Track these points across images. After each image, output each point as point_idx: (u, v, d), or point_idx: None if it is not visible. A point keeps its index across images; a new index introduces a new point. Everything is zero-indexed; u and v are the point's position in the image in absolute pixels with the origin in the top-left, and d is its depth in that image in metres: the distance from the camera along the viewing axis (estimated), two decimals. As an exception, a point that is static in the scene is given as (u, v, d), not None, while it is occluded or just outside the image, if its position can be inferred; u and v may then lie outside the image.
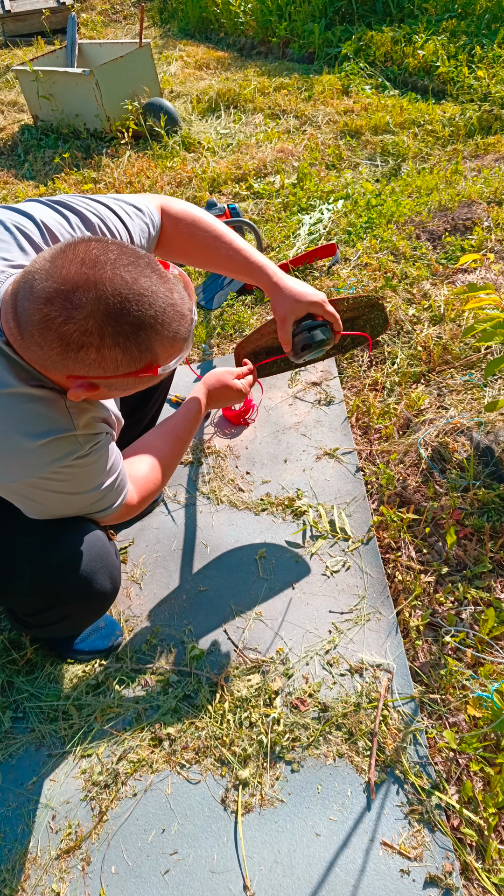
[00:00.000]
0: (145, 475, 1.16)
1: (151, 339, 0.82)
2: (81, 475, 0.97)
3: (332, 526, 1.53)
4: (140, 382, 0.89)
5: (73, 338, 0.78)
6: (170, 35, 6.19)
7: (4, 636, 1.40)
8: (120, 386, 0.87)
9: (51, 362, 0.82)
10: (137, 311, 0.79)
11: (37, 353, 0.81)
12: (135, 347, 0.81)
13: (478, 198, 2.59)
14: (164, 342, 0.84)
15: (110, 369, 0.82)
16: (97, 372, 0.82)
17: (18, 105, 4.79)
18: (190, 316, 0.88)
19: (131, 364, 0.83)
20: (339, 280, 2.29)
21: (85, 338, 0.78)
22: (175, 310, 0.84)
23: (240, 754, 1.16)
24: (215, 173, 3.22)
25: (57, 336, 0.78)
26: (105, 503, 1.05)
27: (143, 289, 0.80)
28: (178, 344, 0.87)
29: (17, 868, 1.08)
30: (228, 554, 1.51)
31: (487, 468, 1.52)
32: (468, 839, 1.02)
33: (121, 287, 0.78)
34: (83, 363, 0.81)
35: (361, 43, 4.28)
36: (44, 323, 0.78)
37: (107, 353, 0.80)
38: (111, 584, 1.13)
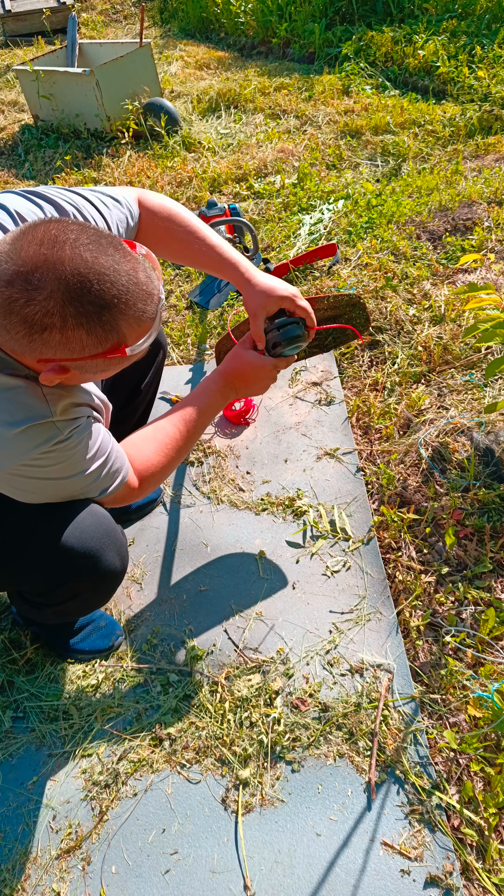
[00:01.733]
0: (149, 459, 1.14)
1: (116, 318, 0.81)
2: (64, 459, 0.95)
3: (333, 526, 1.53)
4: (110, 364, 0.88)
5: (36, 319, 0.77)
6: (170, 35, 6.19)
7: (4, 636, 1.40)
8: (90, 368, 0.86)
9: (19, 346, 0.81)
10: (99, 290, 0.78)
11: (4, 336, 0.81)
12: (99, 328, 0.80)
13: (478, 198, 2.59)
14: (131, 322, 0.83)
15: (77, 351, 0.81)
16: (64, 354, 0.82)
17: (19, 105, 4.79)
18: (157, 295, 0.87)
19: (97, 345, 0.82)
20: (339, 280, 2.29)
21: (47, 319, 0.77)
22: (140, 289, 0.83)
23: (240, 754, 1.16)
24: (216, 173, 3.22)
25: (20, 319, 0.77)
26: (98, 486, 1.04)
27: (104, 267, 0.79)
28: (145, 324, 0.86)
29: (17, 868, 1.08)
30: (229, 554, 1.51)
31: (488, 468, 1.52)
32: (468, 839, 1.02)
33: (80, 266, 0.77)
34: (49, 345, 0.80)
35: (362, 43, 4.28)
36: (6, 306, 0.77)
37: (71, 335, 0.79)
38: (120, 562, 1.14)
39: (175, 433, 1.17)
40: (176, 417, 1.18)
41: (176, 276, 2.67)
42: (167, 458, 1.16)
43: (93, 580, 1.11)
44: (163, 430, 1.17)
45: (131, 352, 0.86)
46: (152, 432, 1.16)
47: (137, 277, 0.83)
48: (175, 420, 1.18)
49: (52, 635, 1.35)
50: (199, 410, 1.19)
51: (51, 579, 1.10)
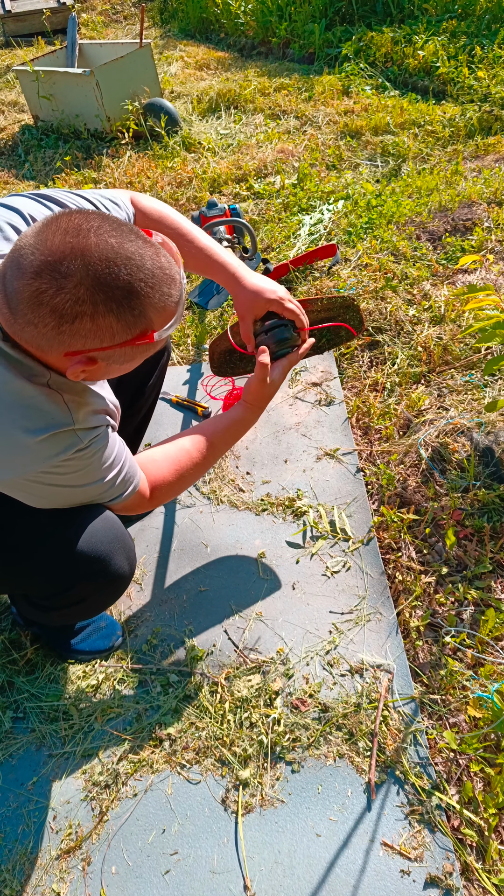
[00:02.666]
0: (162, 473, 1.15)
1: (144, 303, 0.81)
2: (82, 468, 0.97)
3: (333, 526, 1.53)
4: (138, 352, 0.88)
5: (66, 308, 0.77)
6: (170, 35, 6.19)
7: (5, 636, 1.40)
8: (118, 358, 0.86)
9: (46, 341, 0.81)
10: (127, 276, 0.79)
11: (31, 333, 0.80)
12: (128, 313, 0.80)
13: (478, 198, 2.59)
14: (157, 306, 0.83)
15: (106, 339, 0.81)
16: (94, 343, 0.82)
17: (19, 105, 4.79)
18: (179, 280, 0.87)
19: (126, 331, 0.82)
20: (339, 280, 2.29)
21: (78, 307, 0.77)
22: (164, 273, 0.84)
23: (240, 754, 1.16)
24: (216, 173, 3.22)
25: (49, 310, 0.77)
26: (111, 494, 1.06)
27: (129, 253, 0.79)
28: (170, 308, 0.86)
29: (17, 868, 1.08)
30: (228, 554, 1.51)
31: (488, 468, 1.52)
32: (468, 840, 1.02)
33: (107, 252, 0.78)
34: (79, 335, 0.80)
35: (362, 43, 4.28)
36: (35, 298, 0.77)
37: (101, 322, 0.79)
38: (128, 566, 1.14)
39: (194, 453, 1.18)
40: (197, 438, 1.20)
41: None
42: (180, 476, 1.17)
43: (100, 584, 1.12)
44: (182, 448, 1.18)
45: (159, 337, 0.86)
46: (172, 449, 1.18)
47: (160, 262, 0.84)
48: (196, 441, 1.19)
49: (52, 636, 1.35)
50: (220, 435, 1.22)
51: (58, 583, 1.10)
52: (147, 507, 1.16)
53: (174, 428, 1.88)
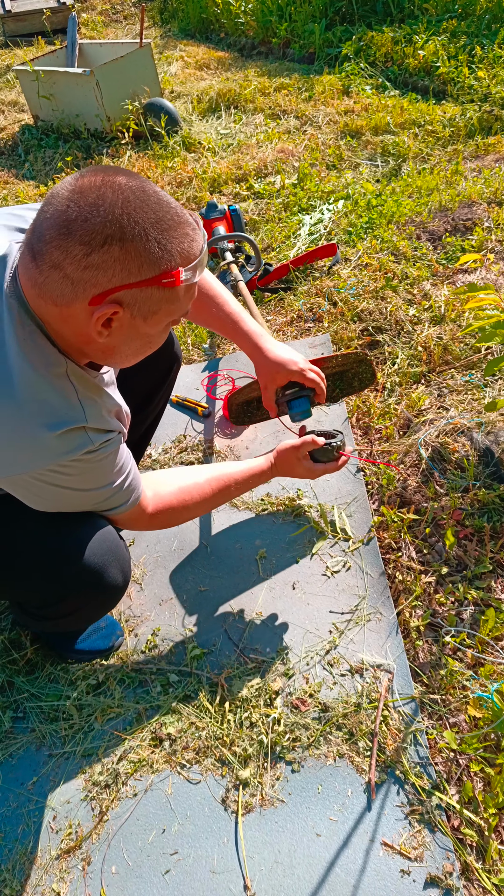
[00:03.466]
0: (172, 496, 1.16)
1: (170, 238, 0.81)
2: (90, 470, 0.96)
3: (333, 526, 1.53)
4: (163, 298, 0.85)
5: (97, 231, 0.76)
6: (170, 35, 6.19)
7: (4, 636, 1.40)
8: (143, 306, 0.84)
9: (70, 285, 0.79)
10: (156, 208, 0.80)
11: (55, 279, 0.79)
12: (155, 244, 0.80)
13: (478, 198, 2.59)
14: (182, 245, 0.83)
15: (133, 271, 0.80)
16: (120, 276, 0.79)
17: (19, 105, 4.79)
18: (202, 232, 0.88)
19: (153, 265, 0.81)
20: (339, 280, 2.29)
21: (108, 229, 0.77)
22: (188, 218, 0.85)
23: (240, 754, 1.16)
24: (216, 173, 3.22)
25: (79, 237, 0.76)
26: (112, 503, 1.05)
27: (158, 194, 0.82)
28: (194, 252, 0.85)
29: (17, 868, 1.08)
30: (228, 554, 1.51)
31: (488, 468, 1.52)
32: (468, 839, 1.02)
33: (137, 189, 0.80)
34: (106, 266, 0.78)
35: (362, 43, 4.28)
36: (65, 227, 0.76)
37: (130, 247, 0.78)
38: (122, 578, 1.14)
39: (205, 488, 1.19)
40: (213, 476, 1.21)
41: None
42: (185, 506, 1.17)
43: (93, 596, 1.11)
44: (195, 480, 1.19)
45: (185, 279, 0.84)
46: (185, 477, 1.19)
47: (184, 211, 0.86)
48: (211, 478, 1.21)
49: (52, 636, 1.35)
50: (237, 482, 1.24)
51: (52, 593, 1.10)
52: (146, 524, 1.15)
53: (173, 427, 1.88)
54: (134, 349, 0.92)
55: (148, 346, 0.94)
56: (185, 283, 0.85)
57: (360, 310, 2.10)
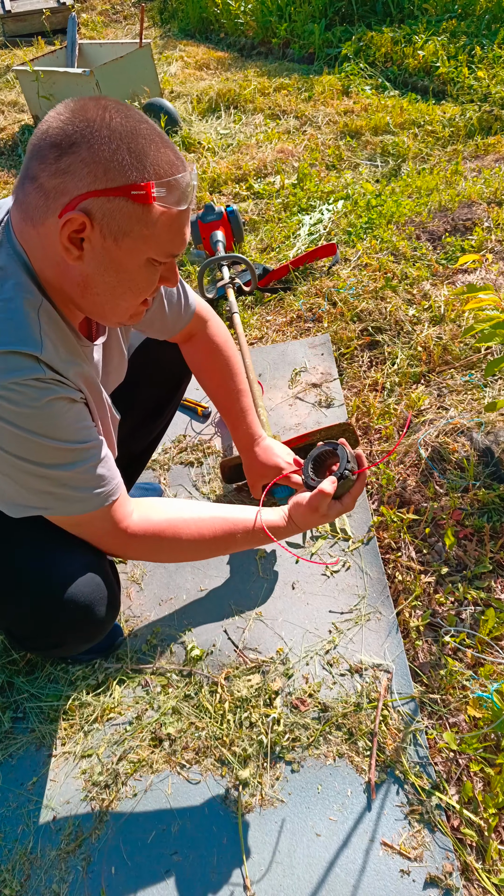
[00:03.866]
0: (162, 523, 1.01)
1: (146, 149, 0.77)
2: (39, 406, 0.82)
3: (333, 526, 1.53)
4: (134, 216, 0.78)
5: (69, 132, 0.75)
6: (170, 35, 6.19)
7: (4, 636, 1.40)
8: (112, 217, 0.77)
9: (43, 197, 0.77)
10: (137, 123, 0.78)
11: (32, 194, 0.78)
12: (126, 151, 0.76)
13: (478, 198, 2.59)
14: (160, 161, 0.78)
15: (100, 175, 0.75)
16: (87, 181, 0.75)
17: (19, 105, 4.79)
18: (190, 169, 0.83)
19: (120, 172, 0.76)
20: (339, 280, 2.29)
21: (81, 131, 0.75)
22: (172, 146, 0.81)
23: (240, 754, 1.16)
24: (215, 173, 3.22)
25: (52, 139, 0.76)
26: (79, 480, 0.89)
27: (142, 114, 0.80)
28: (173, 172, 0.79)
29: (17, 868, 1.08)
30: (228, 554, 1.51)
31: (487, 468, 1.52)
32: (468, 839, 1.03)
33: (122, 105, 0.78)
34: (74, 170, 0.75)
35: (361, 43, 4.28)
36: (44, 135, 0.76)
37: (97, 150, 0.75)
38: (111, 614, 1.07)
39: (204, 528, 1.02)
40: (218, 517, 1.04)
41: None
42: (174, 537, 1.01)
43: (80, 631, 1.05)
44: (195, 514, 1.03)
45: (157, 195, 0.78)
46: (184, 508, 1.04)
47: (170, 142, 0.82)
48: (216, 518, 1.04)
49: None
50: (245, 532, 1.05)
51: (38, 626, 1.04)
52: (123, 546, 0.99)
53: (173, 427, 1.88)
54: (110, 284, 0.84)
55: (126, 285, 0.85)
56: (160, 203, 0.78)
57: (360, 310, 2.10)
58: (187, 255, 2.75)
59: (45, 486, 0.88)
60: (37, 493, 0.89)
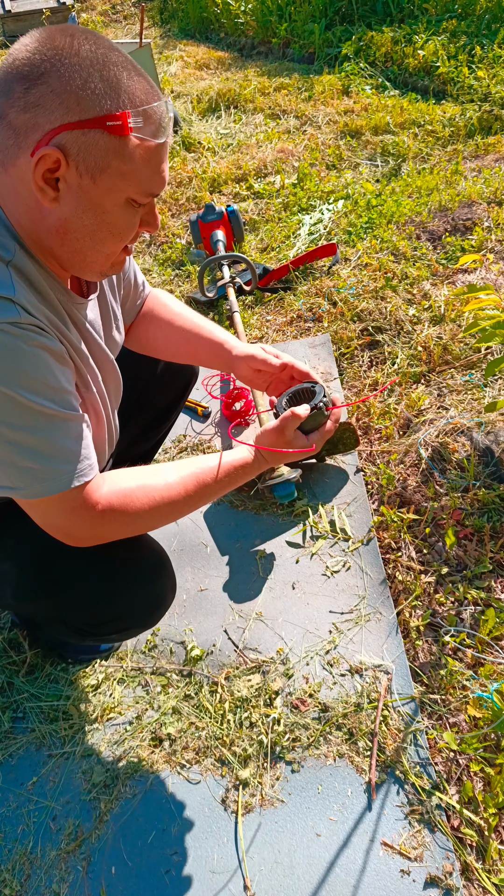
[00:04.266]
0: (133, 495, 0.90)
1: (119, 76, 0.73)
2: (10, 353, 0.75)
3: (333, 526, 1.53)
4: (111, 150, 0.74)
5: (36, 64, 0.70)
6: (170, 35, 6.19)
7: (4, 636, 1.40)
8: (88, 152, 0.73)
9: (13, 135, 0.72)
10: (108, 51, 0.73)
11: (1, 134, 0.73)
12: (98, 79, 0.71)
13: (478, 198, 2.59)
14: (134, 91, 0.74)
15: (73, 106, 0.71)
16: (59, 114, 0.71)
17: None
18: (165, 101, 0.79)
19: (94, 103, 0.71)
20: (339, 280, 2.29)
21: (49, 61, 0.70)
22: (146, 75, 0.77)
23: (240, 754, 1.16)
24: (215, 173, 3.22)
25: (19, 71, 0.71)
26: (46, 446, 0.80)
27: (117, 48, 0.75)
28: (148, 100, 0.75)
29: (17, 868, 1.08)
30: (228, 554, 1.51)
31: (487, 468, 1.52)
32: (468, 839, 1.02)
33: (91, 34, 0.74)
34: (45, 103, 0.71)
35: (361, 43, 4.28)
36: (10, 68, 0.71)
37: (68, 81, 0.70)
38: (173, 597, 1.14)
39: (178, 487, 0.94)
40: (186, 472, 0.96)
41: (175, 276, 2.67)
42: (150, 506, 0.91)
43: (149, 617, 1.12)
44: (164, 476, 0.94)
45: (133, 125, 0.73)
46: (152, 472, 0.95)
47: (144, 72, 0.78)
48: (184, 474, 0.96)
49: (52, 636, 1.35)
50: (215, 479, 0.98)
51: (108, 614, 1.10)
52: (91, 526, 0.89)
53: (173, 427, 1.88)
54: (90, 227, 0.79)
55: (107, 228, 0.80)
56: (136, 133, 0.74)
57: (360, 310, 2.10)
58: (187, 255, 2.75)
59: (9, 454, 0.79)
60: (1, 464, 0.80)
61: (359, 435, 1.66)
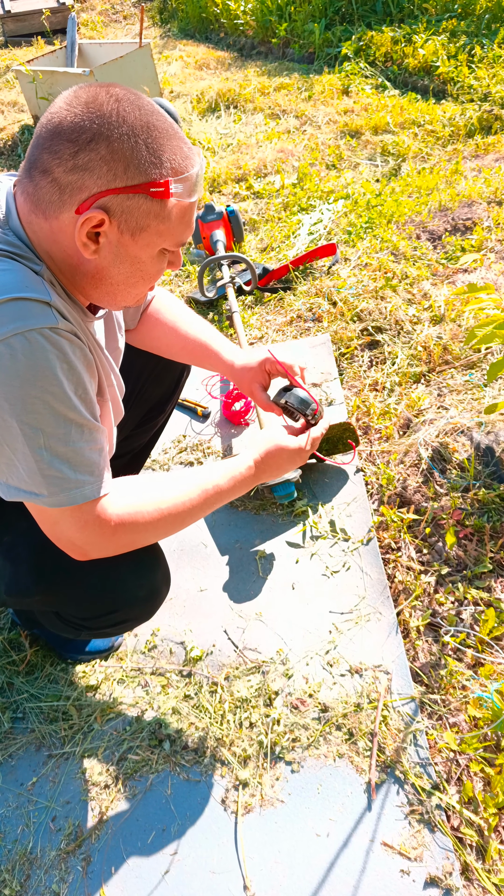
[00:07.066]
0: (137, 505, 0.91)
1: (161, 146, 0.78)
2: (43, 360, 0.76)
3: (332, 526, 1.53)
4: (152, 212, 0.80)
5: (85, 127, 0.75)
6: (170, 35, 6.18)
7: (4, 636, 1.40)
8: (131, 214, 0.79)
9: (58, 191, 0.77)
10: (150, 115, 0.78)
11: (44, 185, 0.77)
12: (144, 148, 0.77)
13: (478, 198, 2.59)
14: (175, 157, 0.80)
15: (120, 173, 0.76)
16: (107, 179, 0.76)
17: (18, 105, 4.79)
18: (200, 155, 0.85)
19: (140, 171, 0.77)
20: (339, 280, 2.29)
21: (97, 125, 0.75)
22: (183, 136, 0.83)
23: (240, 755, 1.16)
24: (215, 173, 3.22)
25: (67, 134, 0.75)
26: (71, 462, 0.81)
27: (154, 105, 0.80)
28: (187, 167, 0.81)
29: (17, 868, 1.08)
30: (228, 554, 1.51)
31: (488, 468, 1.52)
32: (468, 839, 1.02)
33: (132, 95, 0.79)
34: (93, 167, 0.76)
35: (361, 43, 4.27)
36: (56, 128, 0.76)
37: (117, 147, 0.75)
38: (167, 591, 1.15)
39: (184, 499, 0.96)
40: (192, 484, 0.98)
41: (175, 276, 2.67)
42: (159, 518, 0.93)
43: (144, 610, 1.13)
44: (171, 488, 0.96)
45: (175, 191, 0.80)
46: (159, 484, 0.97)
47: (180, 129, 0.83)
48: (190, 486, 0.97)
49: (52, 636, 1.35)
50: (218, 489, 1.00)
51: (103, 608, 1.11)
52: (105, 539, 0.89)
53: (173, 427, 1.88)
54: (124, 274, 0.85)
55: (139, 275, 0.87)
56: (175, 197, 0.80)
57: (360, 310, 2.10)
58: (187, 255, 2.75)
59: (38, 461, 0.80)
60: (27, 471, 0.81)
61: (359, 435, 1.66)
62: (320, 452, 1.67)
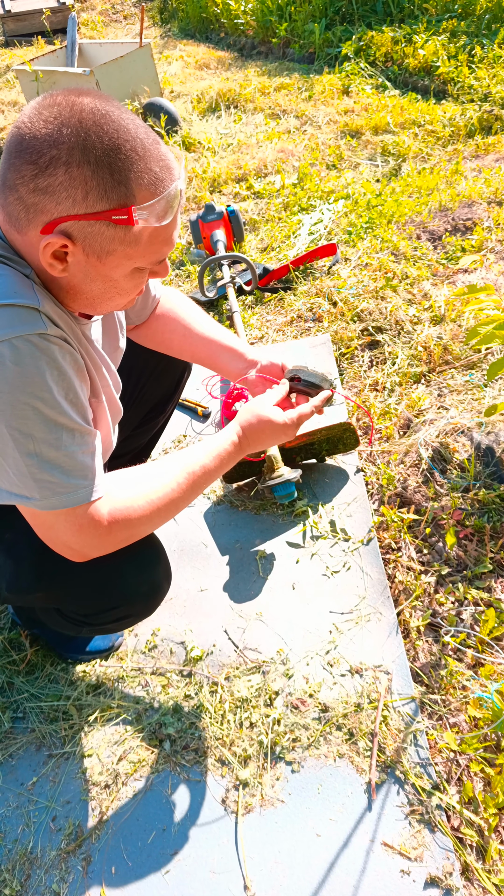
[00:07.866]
0: (129, 501, 0.91)
1: (127, 168, 0.73)
2: (33, 366, 0.76)
3: (333, 526, 1.53)
4: (117, 238, 0.77)
5: (43, 150, 0.71)
6: (170, 35, 6.18)
7: (4, 636, 1.40)
8: (94, 240, 0.76)
9: (24, 208, 0.74)
10: (116, 135, 0.73)
11: (13, 202, 0.75)
12: (107, 173, 0.72)
13: (478, 198, 2.59)
14: (142, 181, 0.75)
15: (79, 199, 0.73)
16: (66, 205, 0.73)
17: (19, 105, 4.79)
18: (177, 171, 0.80)
19: (103, 197, 0.73)
20: (339, 280, 2.29)
21: (53, 150, 0.71)
22: (159, 153, 0.77)
23: (240, 754, 1.16)
24: (215, 173, 3.22)
25: (27, 155, 0.71)
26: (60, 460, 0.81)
27: (123, 120, 0.74)
28: (157, 191, 0.76)
29: (17, 868, 1.08)
30: (229, 554, 1.51)
31: (488, 468, 1.52)
32: (468, 839, 1.02)
33: (98, 112, 0.73)
34: (52, 192, 0.72)
35: (362, 43, 4.27)
36: (18, 144, 0.72)
37: (76, 173, 0.71)
38: (168, 586, 1.15)
39: (173, 485, 0.95)
40: (178, 469, 0.97)
41: (176, 276, 2.67)
42: (151, 510, 0.93)
43: (146, 605, 1.13)
44: (158, 477, 0.95)
45: (138, 217, 0.75)
46: (145, 475, 0.96)
47: (158, 146, 0.77)
48: (176, 472, 0.97)
49: (52, 636, 1.35)
50: (205, 469, 1.00)
51: (104, 604, 1.11)
52: (101, 539, 0.89)
53: (173, 427, 1.88)
54: (99, 291, 0.83)
55: (114, 291, 0.84)
56: (142, 224, 0.76)
57: (360, 310, 2.10)
58: (187, 255, 2.75)
59: (29, 466, 0.80)
60: (17, 475, 0.81)
61: (359, 435, 1.66)
62: (319, 455, 1.67)
